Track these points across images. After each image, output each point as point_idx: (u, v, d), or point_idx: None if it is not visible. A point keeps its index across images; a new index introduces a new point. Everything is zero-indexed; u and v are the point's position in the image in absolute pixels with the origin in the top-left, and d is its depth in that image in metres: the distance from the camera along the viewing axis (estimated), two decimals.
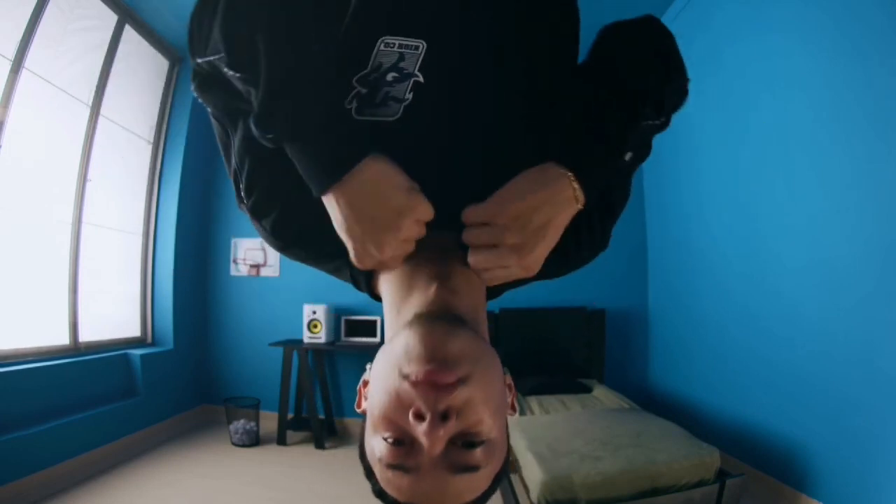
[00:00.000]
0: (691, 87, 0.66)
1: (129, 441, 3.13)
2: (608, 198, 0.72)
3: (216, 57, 0.52)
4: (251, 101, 0.52)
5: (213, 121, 0.63)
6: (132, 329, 3.57)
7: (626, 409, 2.67)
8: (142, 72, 3.59)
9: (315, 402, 3.42)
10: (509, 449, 0.60)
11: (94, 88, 3.14)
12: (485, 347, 0.55)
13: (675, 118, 0.71)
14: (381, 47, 0.58)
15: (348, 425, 3.76)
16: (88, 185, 3.12)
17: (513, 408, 0.62)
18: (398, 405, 0.50)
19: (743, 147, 2.70)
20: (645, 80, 0.61)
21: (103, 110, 3.22)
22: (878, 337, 1.86)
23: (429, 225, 0.57)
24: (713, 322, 2.99)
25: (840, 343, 2.04)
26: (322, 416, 3.65)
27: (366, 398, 0.59)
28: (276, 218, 0.61)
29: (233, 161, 0.60)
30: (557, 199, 0.56)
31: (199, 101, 0.59)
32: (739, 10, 2.68)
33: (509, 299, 3.79)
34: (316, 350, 3.62)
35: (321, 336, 3.47)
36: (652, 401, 3.66)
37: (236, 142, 0.59)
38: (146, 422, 3.31)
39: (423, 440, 0.48)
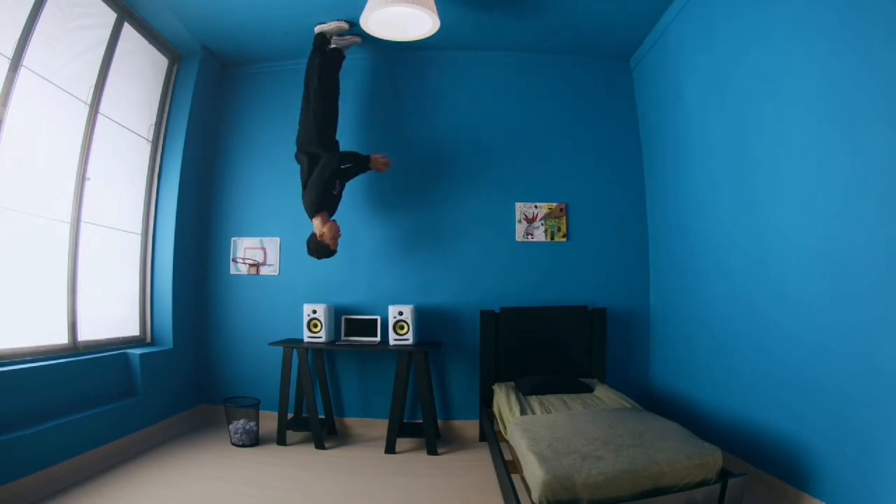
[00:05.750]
0: (692, 85, 0.69)
1: (129, 441, 3.12)
2: None
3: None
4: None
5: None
6: (131, 328, 3.56)
7: (627, 408, 2.66)
8: (141, 70, 3.58)
9: (315, 401, 3.41)
10: (511, 448, 0.60)
11: (92, 86, 3.13)
12: None
13: (676, 116, 0.72)
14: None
15: (348, 425, 3.76)
16: (87, 184, 3.11)
17: None
18: None
19: (745, 143, 2.69)
20: None
21: (102, 108, 3.21)
22: (882, 334, 1.85)
23: None
24: (715, 321, 2.98)
25: (844, 340, 2.03)
26: (322, 416, 3.65)
27: None
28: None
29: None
30: None
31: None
32: (739, 3, 2.67)
33: (510, 298, 3.80)
34: (316, 349, 3.61)
35: (321, 335, 3.46)
36: (654, 400, 3.66)
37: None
38: (146, 422, 3.31)
39: None
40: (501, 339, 3.54)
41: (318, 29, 3.53)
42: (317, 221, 3.27)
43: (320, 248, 3.28)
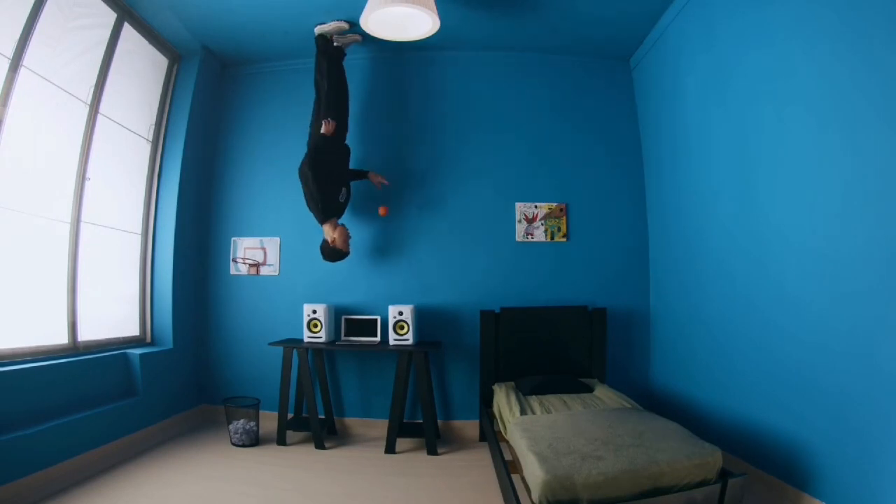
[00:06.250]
0: (692, 85, 0.70)
1: (129, 441, 3.12)
2: None
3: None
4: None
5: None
6: (131, 328, 3.56)
7: (627, 408, 2.66)
8: (141, 70, 3.58)
9: (315, 401, 3.41)
10: (511, 448, 0.61)
11: (92, 86, 3.13)
12: None
13: (676, 116, 0.72)
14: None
15: (348, 425, 3.76)
16: (87, 184, 3.11)
17: None
18: None
19: (745, 143, 2.69)
20: None
21: (102, 108, 3.21)
22: (882, 334, 1.85)
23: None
24: (715, 321, 2.98)
25: (844, 340, 2.03)
26: (322, 416, 3.65)
27: None
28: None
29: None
30: None
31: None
32: (739, 3, 2.67)
33: (510, 298, 3.80)
34: (316, 349, 3.61)
35: (321, 335, 3.46)
36: (654, 400, 3.66)
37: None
38: (146, 422, 3.31)
39: None
40: (501, 339, 3.54)
41: (318, 30, 3.53)
42: (326, 228, 3.38)
43: (333, 253, 3.41)
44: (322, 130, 3.34)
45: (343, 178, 3.55)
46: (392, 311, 3.41)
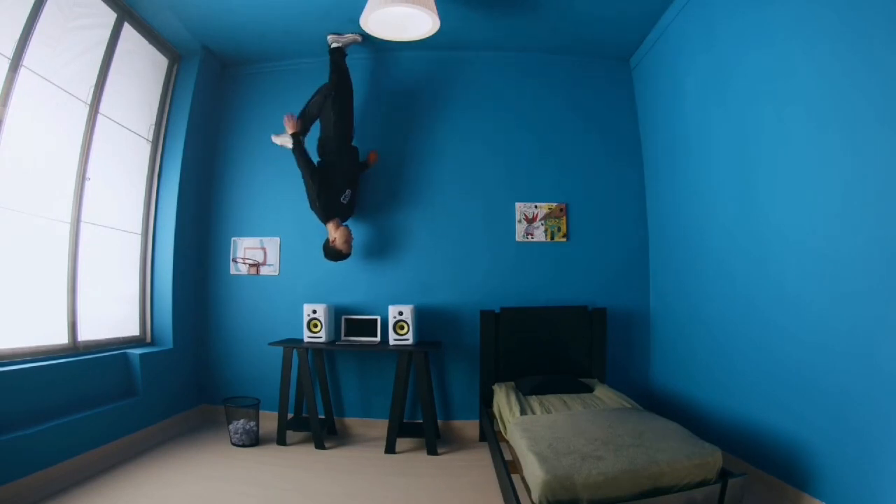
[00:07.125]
0: (691, 85, 0.70)
1: (129, 441, 3.12)
2: None
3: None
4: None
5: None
6: (131, 328, 3.56)
7: (627, 408, 2.66)
8: (141, 70, 3.58)
9: (315, 401, 3.41)
10: (511, 448, 0.61)
11: (92, 86, 3.13)
12: None
13: (676, 116, 0.72)
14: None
15: (348, 425, 3.76)
16: (87, 184, 3.11)
17: None
18: None
19: (745, 143, 2.69)
20: None
21: (102, 108, 3.21)
22: (882, 334, 1.85)
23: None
24: (715, 320, 2.98)
25: (844, 340, 2.03)
26: (322, 416, 3.65)
27: None
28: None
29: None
30: None
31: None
32: (739, 3, 2.67)
33: (510, 298, 3.79)
34: (316, 349, 3.62)
35: (321, 335, 3.46)
36: (654, 400, 3.66)
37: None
38: (146, 422, 3.31)
39: None
40: (501, 339, 3.54)
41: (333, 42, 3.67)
42: (330, 227, 3.50)
43: (333, 253, 3.52)
44: (286, 124, 3.54)
45: (348, 180, 3.56)
46: (392, 311, 3.41)
